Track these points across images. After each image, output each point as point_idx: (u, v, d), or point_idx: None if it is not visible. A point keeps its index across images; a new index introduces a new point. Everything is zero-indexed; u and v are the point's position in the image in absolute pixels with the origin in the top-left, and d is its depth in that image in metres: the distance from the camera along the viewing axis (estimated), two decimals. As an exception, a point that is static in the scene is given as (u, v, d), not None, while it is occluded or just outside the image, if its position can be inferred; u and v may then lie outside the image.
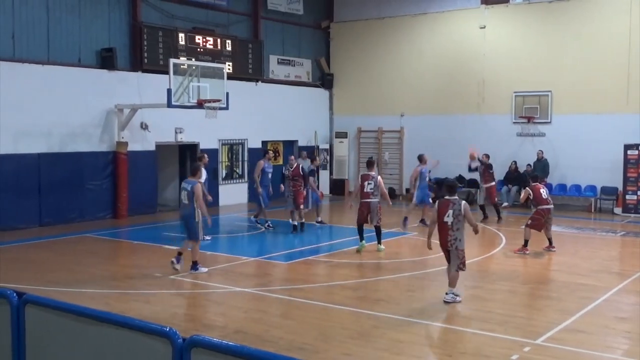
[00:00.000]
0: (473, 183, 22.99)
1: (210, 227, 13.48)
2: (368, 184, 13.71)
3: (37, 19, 17.21)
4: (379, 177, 14.05)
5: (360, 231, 13.92)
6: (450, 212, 9.83)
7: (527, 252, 13.76)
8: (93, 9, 18.51)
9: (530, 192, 14.06)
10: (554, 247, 14.08)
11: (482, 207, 18.92)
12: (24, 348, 4.68)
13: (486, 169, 18.71)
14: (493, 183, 18.77)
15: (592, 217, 19.93)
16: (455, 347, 8.29)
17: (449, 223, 9.83)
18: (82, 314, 4.43)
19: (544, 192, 14.04)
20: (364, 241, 13.87)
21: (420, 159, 17.80)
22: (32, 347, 4.67)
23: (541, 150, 21.35)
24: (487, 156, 19.17)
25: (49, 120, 17.32)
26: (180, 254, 11.89)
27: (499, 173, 22.53)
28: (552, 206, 14.05)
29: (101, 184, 18.46)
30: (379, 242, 13.92)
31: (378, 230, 13.93)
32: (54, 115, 17.39)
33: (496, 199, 19.07)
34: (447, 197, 10.01)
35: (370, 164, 14.40)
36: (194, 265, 11.88)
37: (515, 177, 21.98)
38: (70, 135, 17.87)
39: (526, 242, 13.85)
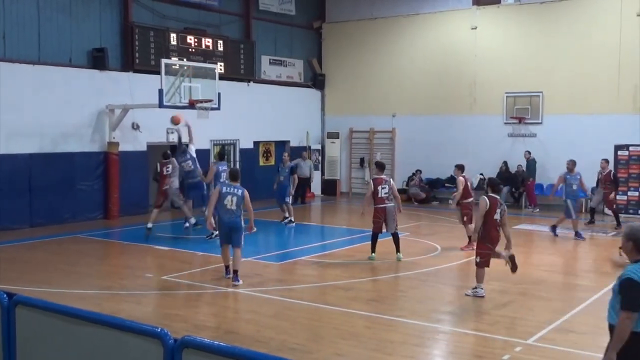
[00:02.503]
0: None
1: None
2: (382, 188, 12.95)
3: (28, 18, 17.13)
4: (392, 180, 13.46)
5: (374, 241, 13.16)
6: (499, 210, 10.18)
7: (473, 247, 13.69)
8: (84, 9, 18.44)
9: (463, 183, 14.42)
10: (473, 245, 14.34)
11: (592, 211, 18.62)
12: (15, 349, 4.66)
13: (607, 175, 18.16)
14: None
15: (583, 218, 19.99)
16: (447, 347, 8.32)
17: (498, 220, 10.17)
18: (73, 314, 4.41)
19: (470, 185, 14.78)
20: (374, 254, 13.10)
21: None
22: (23, 348, 4.64)
23: (528, 151, 21.44)
24: (607, 161, 18.60)
25: (40, 120, 17.24)
26: (234, 270, 11.04)
27: (490, 173, 22.62)
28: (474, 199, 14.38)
29: (92, 185, 18.38)
30: (398, 251, 13.12)
31: (396, 237, 13.17)
32: (45, 116, 17.31)
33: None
34: (494, 195, 10.28)
35: (380, 166, 13.66)
36: (236, 275, 11.05)
37: (506, 178, 22.04)
38: (62, 136, 17.79)
39: (470, 238, 14.01)
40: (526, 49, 22.14)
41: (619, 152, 19.86)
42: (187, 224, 16.04)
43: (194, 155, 15.92)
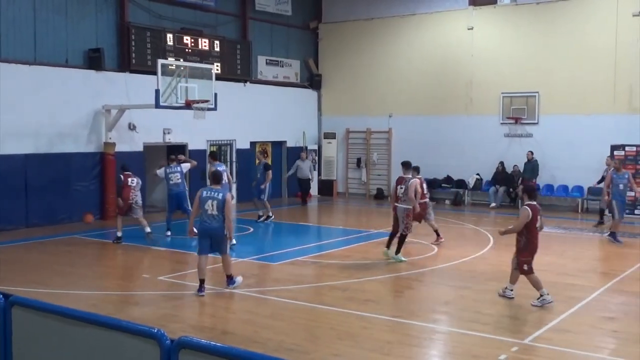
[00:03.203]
0: (461, 184, 23.12)
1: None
2: (400, 188, 12.98)
3: (24, 18, 17.10)
4: (415, 181, 13.11)
5: (390, 238, 13.20)
6: (540, 217, 9.94)
7: (442, 240, 14.94)
8: (80, 9, 18.41)
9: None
10: (442, 239, 15.02)
11: (602, 212, 17.97)
12: (11, 350, 4.65)
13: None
14: None
15: (580, 218, 20.04)
16: (444, 347, 8.32)
17: (539, 229, 10.00)
18: (70, 315, 4.40)
19: (424, 186, 14.93)
20: (387, 249, 13.13)
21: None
22: (19, 349, 4.63)
23: (531, 152, 21.42)
24: (612, 158, 18.37)
25: (36, 120, 17.21)
26: (227, 275, 10.70)
27: (487, 174, 22.68)
28: (427, 200, 15.02)
29: (89, 185, 18.35)
30: (398, 252, 12.95)
31: (401, 238, 13.04)
32: (41, 116, 17.28)
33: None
34: (533, 203, 9.97)
35: (406, 165, 13.33)
36: (231, 279, 10.68)
37: (503, 178, 22.09)
38: (58, 136, 17.76)
39: (436, 232, 15.00)
40: (522, 49, 22.17)
41: (615, 152, 19.89)
42: (168, 233, 16.04)
43: (184, 171, 16.03)
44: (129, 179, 15.43)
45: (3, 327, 4.65)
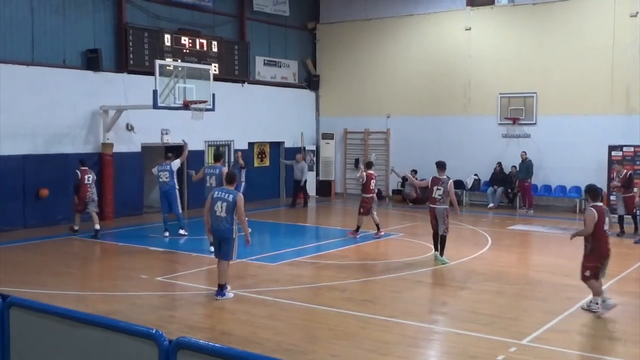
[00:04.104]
0: (459, 184, 23.13)
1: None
2: (437, 189, 12.84)
3: (21, 19, 17.08)
4: (451, 182, 13.05)
5: (434, 240, 13.11)
6: (607, 219, 9.55)
7: (358, 236, 15.76)
8: (78, 10, 18.39)
9: (364, 178, 15.79)
10: (382, 232, 15.99)
11: (622, 219, 16.77)
12: (8, 351, 4.64)
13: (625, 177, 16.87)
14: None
15: (577, 218, 20.02)
16: (442, 348, 8.32)
17: (607, 232, 9.58)
18: (68, 316, 4.40)
19: (373, 182, 15.86)
20: (437, 252, 13.04)
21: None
22: (17, 350, 4.63)
23: (524, 152, 21.43)
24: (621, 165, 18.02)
25: (34, 121, 17.18)
26: (218, 284, 10.30)
27: (485, 174, 22.69)
28: (374, 194, 15.98)
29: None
30: (441, 254, 12.96)
31: (442, 239, 12.96)
32: (38, 117, 17.26)
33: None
34: (599, 204, 9.57)
35: (442, 166, 13.15)
36: (221, 290, 10.21)
37: (500, 179, 22.10)
38: (55, 137, 17.74)
39: (358, 227, 15.90)
40: (520, 49, 22.19)
41: (613, 153, 19.91)
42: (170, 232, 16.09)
43: (175, 169, 15.97)
44: (86, 176, 15.88)
45: (1, 328, 4.64)
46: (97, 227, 15.75)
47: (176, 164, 16.06)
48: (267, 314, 9.50)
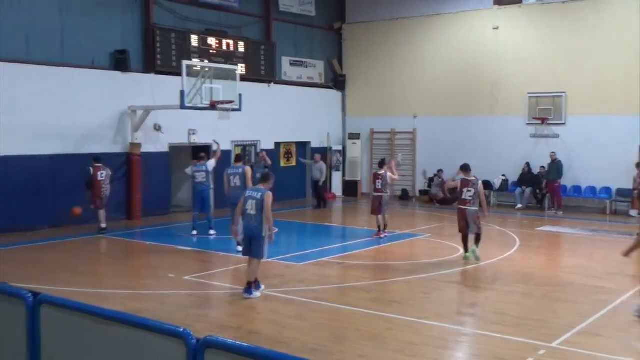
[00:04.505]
0: (486, 185, 22.92)
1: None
2: (467, 190, 12.90)
3: (51, 21, 17.30)
4: (480, 183, 13.16)
5: (464, 242, 13.18)
6: None
7: (382, 236, 15.63)
8: (106, 11, 18.58)
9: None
10: (383, 235, 15.74)
11: None
12: (39, 348, 4.69)
13: None
14: None
15: (607, 219, 19.77)
16: (469, 350, 8.25)
17: None
18: (97, 314, 4.42)
19: (379, 182, 15.77)
20: (468, 253, 13.08)
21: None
22: (47, 347, 4.67)
23: (554, 152, 21.17)
24: None
25: (63, 121, 17.39)
26: (247, 281, 10.31)
27: (513, 175, 22.47)
28: (383, 194, 15.76)
29: (115, 185, 18.45)
30: (476, 246, 13.10)
31: (478, 236, 13.11)
32: (67, 117, 17.47)
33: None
34: None
35: (466, 168, 13.24)
36: (250, 288, 10.24)
37: (529, 179, 21.87)
38: (84, 137, 17.94)
39: (379, 227, 15.73)
40: (549, 48, 21.93)
41: (644, 153, 19.60)
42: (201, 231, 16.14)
43: (210, 169, 16.11)
44: (99, 173, 16.01)
45: (32, 325, 4.69)
46: (104, 225, 16.10)
47: (211, 164, 16.21)
48: (293, 313, 9.50)
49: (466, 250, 13.19)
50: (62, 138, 17.42)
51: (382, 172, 15.94)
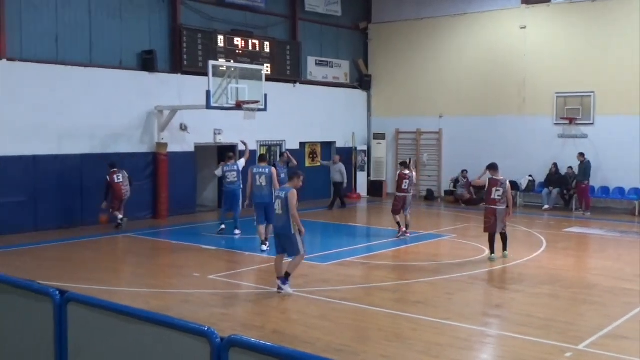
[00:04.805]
0: (513, 185, 22.73)
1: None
2: (496, 190, 13.04)
3: (80, 22, 17.52)
4: (508, 182, 13.37)
5: (491, 241, 13.21)
6: None
7: (408, 235, 15.77)
8: (134, 12, 18.77)
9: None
10: (408, 233, 15.84)
11: None
12: (66, 345, 4.75)
13: None
14: None
15: (636, 221, 19.49)
16: (495, 351, 8.19)
17: None
18: (123, 312, 4.47)
19: (406, 182, 15.78)
20: (494, 254, 13.16)
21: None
22: (74, 344, 4.73)
23: (581, 153, 20.89)
24: None
25: (91, 121, 17.60)
26: (286, 272, 10.45)
27: (539, 175, 22.25)
28: (407, 195, 15.85)
29: (141, 185, 18.65)
30: (505, 249, 13.30)
31: (504, 237, 13.31)
32: (96, 117, 17.68)
33: None
34: None
35: (495, 167, 13.35)
36: (286, 278, 10.40)
37: (556, 180, 21.64)
38: (112, 137, 18.13)
39: (399, 225, 15.79)
40: (577, 48, 21.67)
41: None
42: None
43: (241, 169, 16.21)
44: (115, 176, 16.33)
45: (59, 322, 4.75)
46: (120, 216, 16.75)
47: (241, 163, 16.32)
48: (318, 313, 9.51)
49: (492, 251, 13.15)
50: (90, 138, 17.63)
51: (408, 172, 15.97)
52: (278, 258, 10.60)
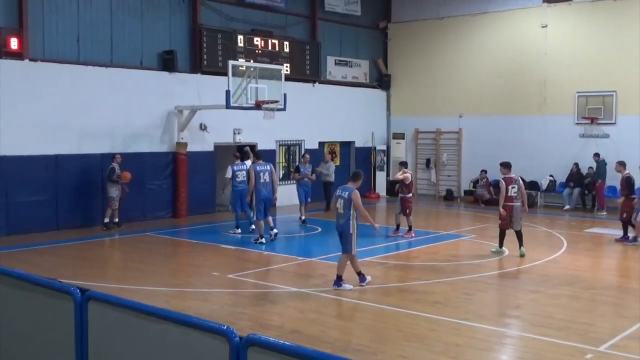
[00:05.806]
0: (534, 185, 22.57)
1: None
2: (512, 187, 13.38)
3: (101, 22, 17.67)
4: (520, 179, 13.81)
5: (502, 237, 13.63)
6: None
7: (412, 235, 16.04)
8: (154, 12, 18.89)
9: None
10: (412, 234, 16.09)
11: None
12: (87, 343, 4.80)
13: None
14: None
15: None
16: (514, 352, 8.14)
17: None
18: (143, 310, 4.51)
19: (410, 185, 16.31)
20: (504, 248, 13.60)
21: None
22: (95, 342, 4.78)
23: (597, 154, 20.68)
24: None
25: (112, 121, 17.75)
26: (337, 274, 10.83)
27: (560, 175, 22.06)
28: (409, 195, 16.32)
29: (161, 184, 18.79)
30: (521, 245, 13.46)
31: (519, 234, 13.50)
32: (116, 117, 17.82)
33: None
34: None
35: (508, 165, 13.66)
36: (339, 280, 10.78)
37: (577, 179, 21.45)
38: (132, 136, 18.27)
39: (410, 227, 16.16)
40: (599, 47, 21.46)
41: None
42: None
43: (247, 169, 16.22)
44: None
45: (80, 320, 4.80)
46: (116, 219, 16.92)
47: (249, 163, 16.28)
48: (336, 313, 9.51)
49: (501, 245, 13.60)
50: (111, 137, 17.77)
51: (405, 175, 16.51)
52: (341, 256, 10.96)
